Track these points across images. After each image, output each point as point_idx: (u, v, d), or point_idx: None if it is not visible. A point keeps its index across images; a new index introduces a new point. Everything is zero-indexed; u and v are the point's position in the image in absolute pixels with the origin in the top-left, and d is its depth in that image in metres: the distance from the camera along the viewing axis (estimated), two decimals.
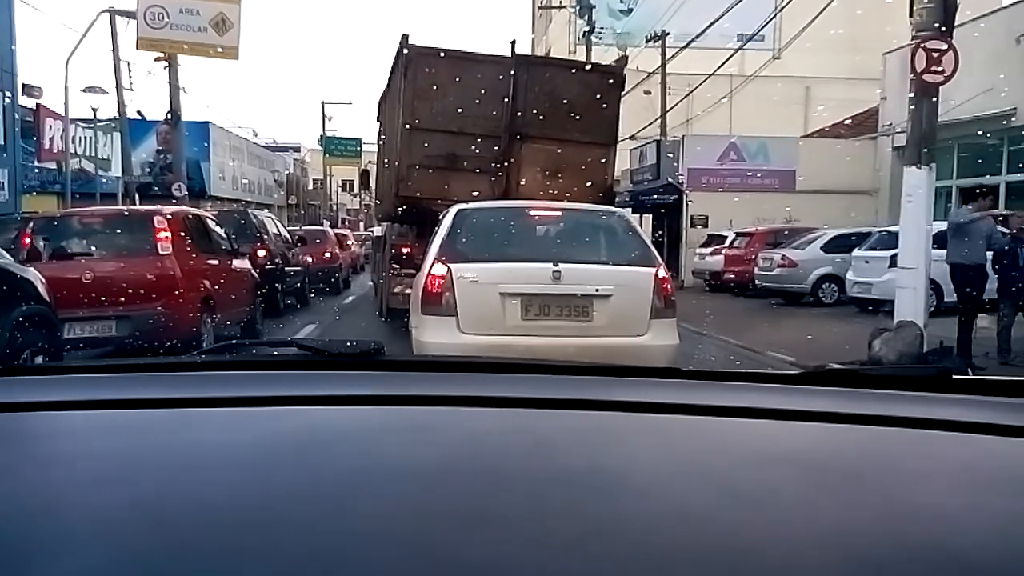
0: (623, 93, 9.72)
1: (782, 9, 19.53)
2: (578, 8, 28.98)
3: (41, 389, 1.28)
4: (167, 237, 7.27)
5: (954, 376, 1.26)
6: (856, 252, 13.78)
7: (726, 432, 1.06)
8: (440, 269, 5.38)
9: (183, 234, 7.76)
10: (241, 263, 9.45)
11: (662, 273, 5.58)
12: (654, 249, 6.19)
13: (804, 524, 0.78)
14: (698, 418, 1.11)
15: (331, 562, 0.69)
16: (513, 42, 9.17)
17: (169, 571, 0.68)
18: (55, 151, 19.13)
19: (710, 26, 19.08)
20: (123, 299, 6.74)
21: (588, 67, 10.17)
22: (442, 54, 8.87)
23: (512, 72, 8.87)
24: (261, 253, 11.64)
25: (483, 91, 8.78)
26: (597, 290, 5.28)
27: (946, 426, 1.03)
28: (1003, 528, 0.77)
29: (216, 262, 8.52)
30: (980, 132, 15.86)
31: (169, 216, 7.66)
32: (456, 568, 0.69)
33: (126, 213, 8.61)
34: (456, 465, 0.92)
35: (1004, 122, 15.85)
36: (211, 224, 9.08)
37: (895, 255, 12.94)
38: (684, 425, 1.09)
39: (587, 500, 0.81)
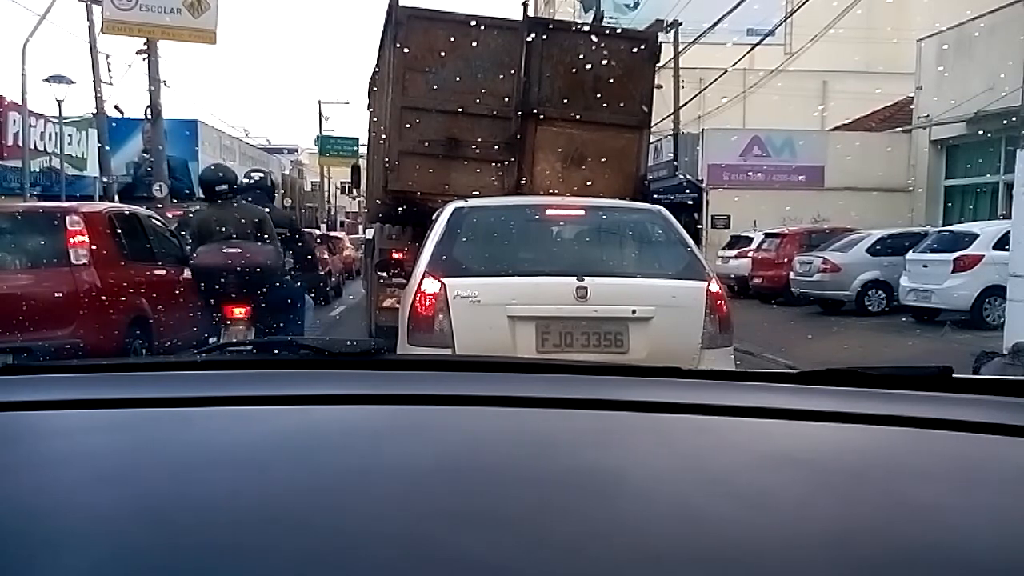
0: (658, 66, 8.12)
1: (797, 10, 18.25)
2: (583, 1, 27.62)
3: (41, 389, 1.27)
4: (83, 242, 5.65)
5: (954, 376, 1.24)
6: (911, 255, 12.38)
7: (726, 432, 1.06)
8: (431, 285, 4.15)
9: (108, 238, 6.12)
10: None
11: (715, 288, 4.39)
12: (703, 257, 4.94)
13: (804, 523, 0.78)
14: (698, 418, 1.11)
15: (331, 561, 0.69)
16: (525, 4, 7.58)
17: (169, 570, 0.68)
18: (18, 147, 17.65)
19: (722, 19, 17.74)
20: (23, 324, 5.14)
21: (615, 33, 8.55)
22: (440, 17, 7.29)
23: (525, 39, 7.29)
24: None
25: (490, 62, 7.22)
26: (634, 312, 4.18)
27: (946, 426, 1.03)
28: (1003, 528, 0.77)
29: (158, 272, 6.89)
30: None
31: (88, 215, 6.01)
32: (455, 568, 0.68)
33: (30, 212, 6.89)
34: (456, 464, 0.92)
35: None
36: (154, 224, 7.45)
37: (958, 258, 11.56)
38: (684, 425, 1.10)
39: (587, 500, 0.82)
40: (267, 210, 6.52)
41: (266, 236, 6.08)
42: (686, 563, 0.70)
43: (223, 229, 5.93)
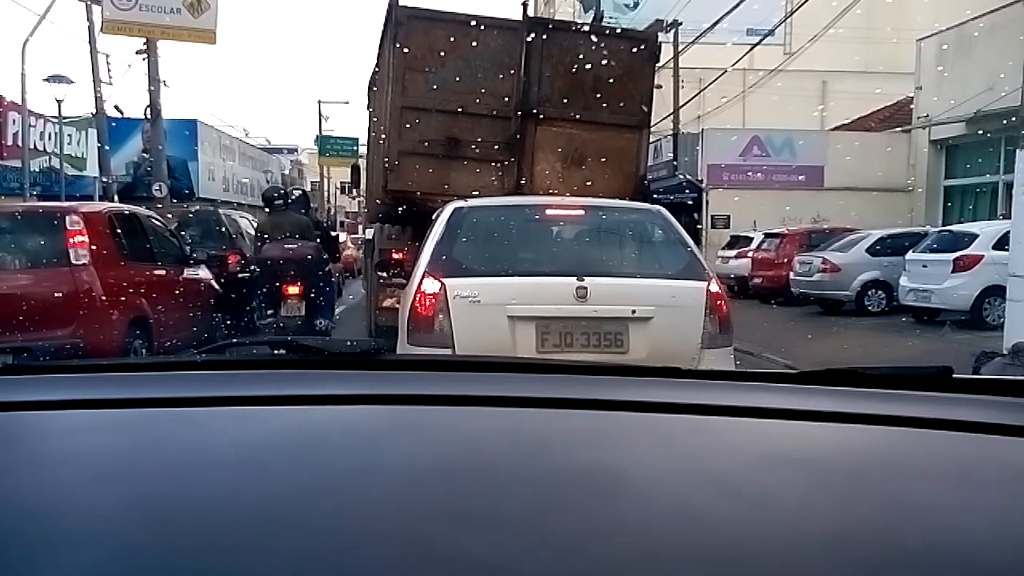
0: (658, 66, 8.11)
1: (797, 10, 18.24)
2: (583, 1, 27.57)
3: (41, 389, 1.28)
4: (83, 242, 5.64)
5: (954, 376, 1.23)
6: (911, 255, 12.36)
7: (726, 432, 1.06)
8: (431, 285, 4.13)
9: (108, 238, 6.12)
10: (197, 272, 7.82)
11: (715, 288, 4.37)
12: (703, 257, 4.93)
13: (804, 524, 0.78)
14: (698, 418, 1.10)
15: (330, 561, 0.69)
16: (525, 4, 7.58)
17: (169, 569, 0.68)
18: (18, 147, 17.63)
19: (722, 19, 17.71)
20: (23, 324, 5.13)
21: (615, 33, 8.54)
22: (440, 17, 7.28)
23: (525, 39, 7.29)
24: (232, 259, 10.09)
25: (490, 62, 7.22)
26: (634, 312, 4.15)
27: (946, 426, 1.03)
28: (1003, 528, 0.77)
29: (158, 272, 6.89)
30: None
31: (88, 215, 6.00)
32: (455, 568, 0.68)
33: (30, 212, 6.87)
34: (455, 464, 0.92)
35: None
36: (153, 224, 7.46)
37: (958, 258, 11.56)
38: (684, 425, 1.09)
39: (587, 500, 0.82)
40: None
41: (310, 236, 8.50)
42: (686, 563, 0.70)
43: (280, 231, 8.33)
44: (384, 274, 7.34)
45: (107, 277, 5.85)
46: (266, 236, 8.43)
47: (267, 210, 8.85)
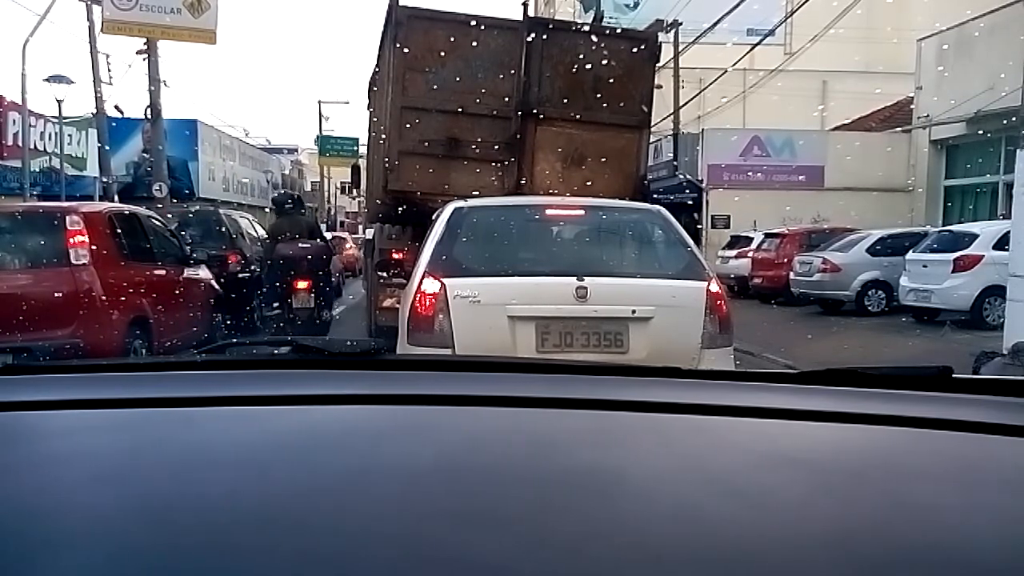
0: (658, 66, 8.11)
1: (797, 10, 18.22)
2: (583, 1, 27.60)
3: (41, 389, 1.28)
4: (83, 242, 5.64)
5: (954, 376, 1.23)
6: (911, 255, 12.36)
7: (726, 432, 1.06)
8: (431, 285, 4.13)
9: (108, 238, 6.12)
10: (196, 272, 7.83)
11: (715, 288, 4.36)
12: (703, 257, 4.92)
13: (804, 523, 0.78)
14: (698, 418, 1.10)
15: (330, 561, 0.69)
16: (525, 4, 7.58)
17: (168, 569, 0.68)
18: (18, 147, 17.66)
19: (722, 19, 17.70)
20: (23, 324, 5.12)
21: (615, 33, 8.53)
22: (440, 17, 7.29)
23: (525, 39, 7.29)
24: (232, 259, 10.10)
25: (490, 62, 7.23)
26: (634, 312, 4.15)
27: (946, 426, 1.03)
28: (1003, 528, 0.77)
29: (158, 272, 6.89)
30: None
31: (88, 215, 6.00)
32: (456, 568, 0.68)
33: (30, 212, 6.86)
34: (455, 464, 0.92)
35: None
36: (154, 224, 7.46)
37: (958, 258, 11.56)
38: (684, 425, 1.09)
39: (587, 500, 0.82)
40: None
41: (314, 236, 9.64)
42: (686, 563, 0.70)
43: (291, 231, 9.34)
44: (384, 274, 7.35)
45: (107, 277, 5.85)
46: (276, 236, 9.49)
47: (277, 213, 9.93)
